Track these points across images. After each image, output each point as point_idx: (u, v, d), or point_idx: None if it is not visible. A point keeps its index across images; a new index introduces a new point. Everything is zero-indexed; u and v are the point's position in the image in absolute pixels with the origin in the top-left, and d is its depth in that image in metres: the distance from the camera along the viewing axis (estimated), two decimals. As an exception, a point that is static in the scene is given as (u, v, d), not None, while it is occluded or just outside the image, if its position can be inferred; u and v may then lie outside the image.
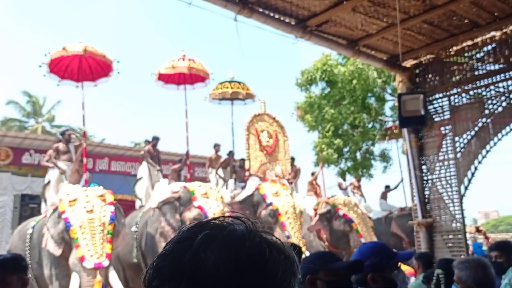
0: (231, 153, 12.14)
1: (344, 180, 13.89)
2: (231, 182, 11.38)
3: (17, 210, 11.84)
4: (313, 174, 12.80)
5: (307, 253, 8.87)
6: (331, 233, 10.35)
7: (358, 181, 14.08)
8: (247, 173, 10.26)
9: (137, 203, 10.87)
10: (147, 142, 11.91)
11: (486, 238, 8.42)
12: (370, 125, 12.44)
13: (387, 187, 13.87)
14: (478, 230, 8.29)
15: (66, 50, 8.76)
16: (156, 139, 11.19)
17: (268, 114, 10.89)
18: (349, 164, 12.84)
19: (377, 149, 13.78)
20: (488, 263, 2.64)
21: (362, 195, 14.20)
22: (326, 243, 10.32)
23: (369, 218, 11.22)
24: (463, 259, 2.68)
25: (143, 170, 10.88)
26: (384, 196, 13.65)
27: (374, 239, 10.29)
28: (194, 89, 11.32)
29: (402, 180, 13.77)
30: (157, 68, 10.71)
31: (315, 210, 10.85)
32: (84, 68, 9.37)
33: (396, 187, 13.85)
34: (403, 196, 13.55)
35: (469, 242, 7.74)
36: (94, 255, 7.01)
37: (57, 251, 7.43)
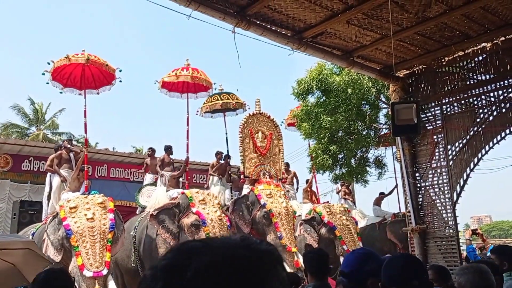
0: (227, 157, 12.19)
1: (341, 185, 14.02)
2: (227, 191, 11.48)
3: (16, 217, 11.91)
4: (307, 181, 12.91)
5: (300, 255, 8.99)
6: (320, 240, 10.45)
7: (348, 187, 14.21)
8: (242, 176, 10.33)
9: (139, 210, 10.97)
10: (150, 150, 12.02)
11: (484, 240, 8.47)
12: (364, 132, 12.58)
13: (382, 193, 14.00)
14: (475, 233, 8.32)
15: (69, 58, 8.89)
16: (169, 148, 11.35)
17: (262, 114, 10.84)
18: (344, 170, 12.97)
19: (371, 155, 13.95)
20: (487, 269, 2.70)
21: (353, 201, 14.31)
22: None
23: (356, 224, 11.28)
24: (464, 265, 2.73)
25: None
26: (377, 202, 13.74)
27: (359, 245, 10.38)
28: (197, 98, 11.47)
29: (396, 186, 13.89)
30: (160, 76, 10.82)
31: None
32: (87, 76, 9.49)
33: (390, 193, 13.97)
34: (397, 202, 13.72)
35: (463, 247, 7.84)
36: (93, 263, 7.06)
37: (57, 257, 7.50)
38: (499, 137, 6.68)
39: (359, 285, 2.22)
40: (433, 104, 7.33)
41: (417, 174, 7.29)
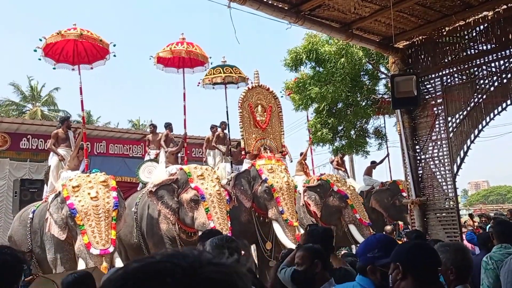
0: (223, 124, 12.14)
1: (334, 156, 14.03)
2: (228, 165, 11.47)
3: (17, 195, 11.94)
4: (301, 154, 12.90)
5: (301, 229, 9.06)
6: (324, 209, 10.50)
7: (342, 158, 14.23)
8: (242, 152, 10.31)
9: (140, 186, 10.99)
10: (151, 126, 12.05)
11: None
12: (363, 103, 12.48)
13: (373, 162, 14.03)
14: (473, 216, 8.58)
15: (62, 34, 8.73)
16: (169, 125, 11.33)
17: (261, 86, 10.68)
18: (343, 142, 12.94)
19: (371, 126, 13.91)
20: (467, 248, 2.77)
21: (345, 171, 14.35)
22: (318, 219, 10.47)
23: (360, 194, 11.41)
24: (444, 243, 2.79)
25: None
26: (368, 172, 13.78)
27: (366, 215, 10.49)
28: (194, 72, 11.33)
29: (388, 155, 13.94)
30: (155, 51, 10.64)
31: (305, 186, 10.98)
32: (79, 51, 9.32)
33: (381, 162, 14.00)
34: (388, 171, 13.84)
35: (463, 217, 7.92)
36: (100, 241, 7.12)
37: (62, 236, 7.56)
38: (500, 108, 6.62)
39: (363, 269, 2.32)
40: (433, 75, 7.25)
41: (417, 147, 7.27)
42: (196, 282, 0.64)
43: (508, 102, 6.53)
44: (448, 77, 7.10)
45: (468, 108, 6.82)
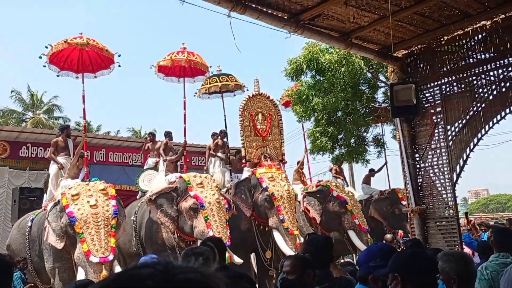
0: (222, 132, 12.16)
1: (333, 164, 14.04)
2: (227, 173, 11.46)
3: (16, 204, 11.94)
4: (298, 162, 12.90)
5: (301, 237, 9.04)
6: (324, 215, 10.47)
7: (340, 166, 14.23)
8: (243, 160, 10.32)
9: (139, 194, 10.98)
10: (150, 134, 12.15)
11: (475, 229, 8.67)
12: (362, 111, 12.52)
13: (371, 170, 14.02)
14: (469, 223, 8.62)
15: (68, 42, 8.76)
16: (169, 133, 11.38)
17: (261, 94, 10.75)
18: (343, 150, 12.96)
19: (370, 134, 13.94)
20: (470, 257, 2.78)
21: (344, 179, 14.36)
22: (317, 225, 10.45)
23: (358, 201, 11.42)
24: (447, 252, 2.79)
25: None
26: (366, 180, 13.75)
27: (365, 221, 10.49)
28: (194, 82, 11.39)
29: (386, 163, 13.94)
30: (156, 60, 10.69)
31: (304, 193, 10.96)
32: (84, 59, 9.35)
33: (379, 170, 13.99)
34: (387, 179, 13.83)
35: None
36: (99, 249, 7.12)
37: (59, 245, 7.54)
38: (499, 117, 6.64)
39: (364, 278, 2.30)
40: (432, 84, 7.27)
41: (416, 155, 7.28)
42: (174, 283, 0.71)
43: (507, 110, 6.54)
44: (447, 85, 7.13)
45: (467, 117, 6.83)
